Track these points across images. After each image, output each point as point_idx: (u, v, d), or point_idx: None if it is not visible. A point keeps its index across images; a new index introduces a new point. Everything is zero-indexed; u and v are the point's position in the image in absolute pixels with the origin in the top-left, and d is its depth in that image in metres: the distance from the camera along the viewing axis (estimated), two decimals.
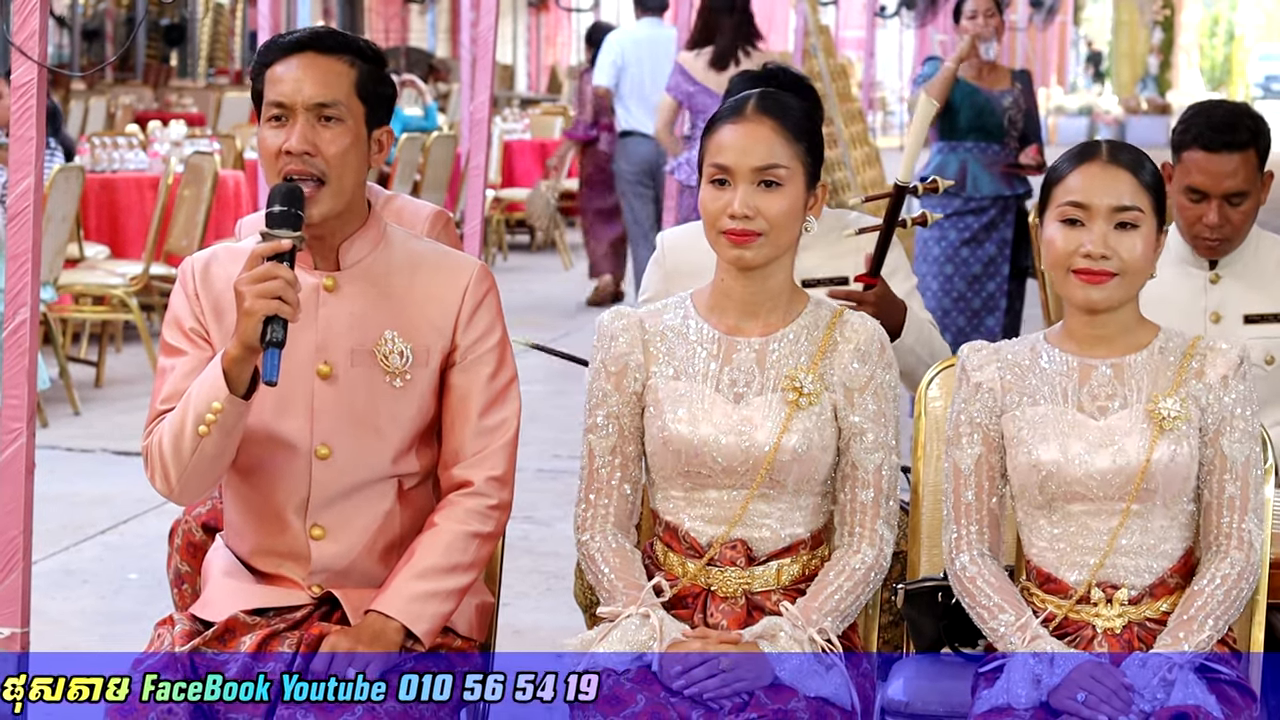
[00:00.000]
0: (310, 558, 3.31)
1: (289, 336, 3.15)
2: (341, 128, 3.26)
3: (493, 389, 3.35)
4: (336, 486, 3.30)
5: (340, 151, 3.26)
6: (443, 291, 3.34)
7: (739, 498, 3.33)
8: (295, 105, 3.25)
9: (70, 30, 20.88)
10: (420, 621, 3.23)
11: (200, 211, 9.74)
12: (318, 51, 3.28)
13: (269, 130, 3.28)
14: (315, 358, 3.29)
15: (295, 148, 3.23)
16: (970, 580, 3.33)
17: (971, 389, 3.37)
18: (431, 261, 3.37)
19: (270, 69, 3.29)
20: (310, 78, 3.25)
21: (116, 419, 8.59)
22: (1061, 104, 30.33)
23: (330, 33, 3.32)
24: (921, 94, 4.00)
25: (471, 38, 13.14)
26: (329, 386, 3.29)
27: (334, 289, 3.31)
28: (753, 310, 3.38)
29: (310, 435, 3.29)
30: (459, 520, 3.31)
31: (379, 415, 3.30)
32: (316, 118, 3.25)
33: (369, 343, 3.30)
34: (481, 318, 3.35)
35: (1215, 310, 4.31)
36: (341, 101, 3.26)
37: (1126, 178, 3.28)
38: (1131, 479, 3.25)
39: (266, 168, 3.29)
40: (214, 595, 3.32)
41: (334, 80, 3.26)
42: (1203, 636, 3.21)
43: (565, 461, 7.43)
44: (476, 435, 3.34)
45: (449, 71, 22.17)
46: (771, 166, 3.30)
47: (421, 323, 3.32)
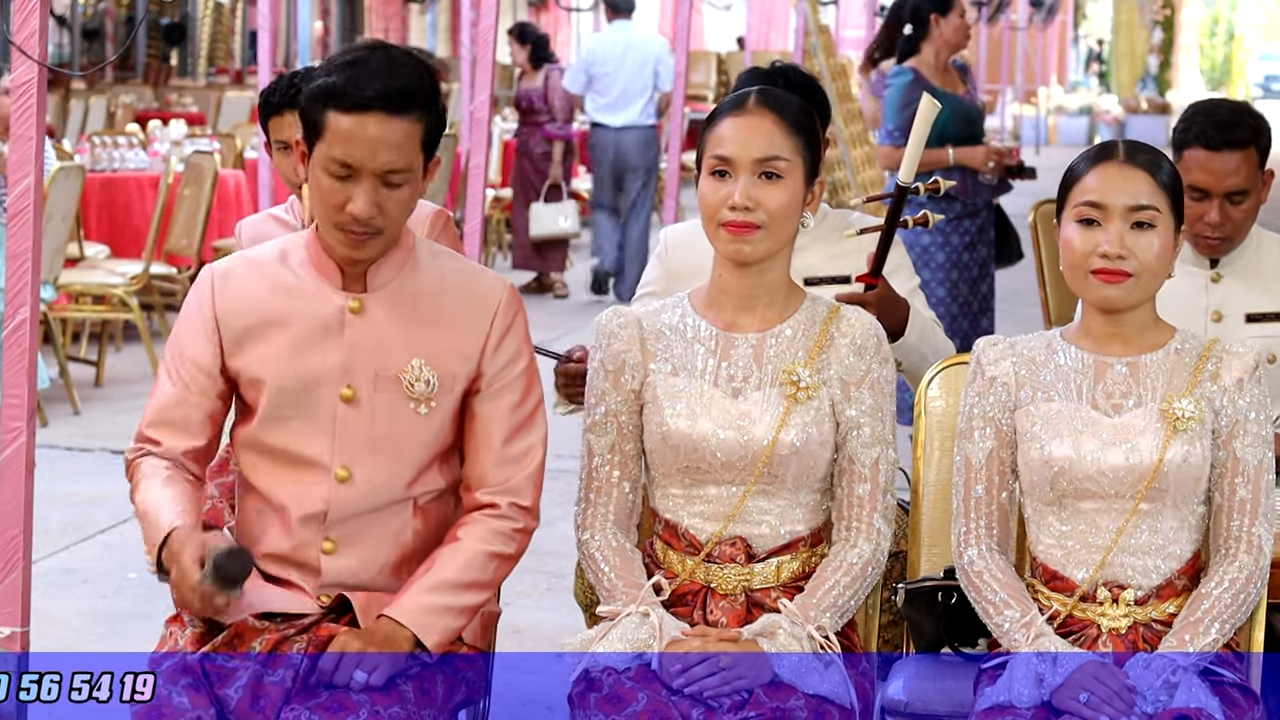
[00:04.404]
0: (320, 570, 3.30)
1: (315, 358, 3.20)
2: (407, 189, 3.19)
3: (518, 416, 3.31)
4: (354, 508, 3.28)
5: (402, 210, 3.21)
6: (471, 318, 3.29)
7: (737, 494, 3.33)
8: (363, 169, 3.15)
9: (70, 30, 20.88)
10: (430, 633, 3.22)
11: (200, 211, 9.74)
12: (388, 113, 3.13)
13: (329, 180, 3.16)
14: (339, 380, 3.26)
15: (363, 214, 3.16)
16: (977, 575, 3.32)
17: (986, 383, 3.37)
18: (459, 284, 3.32)
19: (334, 115, 3.14)
20: (382, 142, 3.13)
21: (116, 419, 8.59)
22: (1062, 104, 30.32)
23: (399, 90, 3.14)
24: (925, 96, 3.99)
25: (471, 38, 13.20)
26: (352, 410, 3.26)
27: (360, 311, 3.27)
28: (750, 305, 3.38)
29: (331, 457, 3.27)
30: (482, 539, 3.29)
31: (400, 439, 3.28)
32: (383, 181, 3.16)
33: (394, 368, 3.26)
34: (509, 344, 3.31)
35: (1216, 309, 4.31)
36: (411, 165, 3.17)
37: (1144, 177, 3.28)
38: (1144, 478, 3.24)
39: (322, 213, 3.20)
40: None
41: (404, 141, 3.15)
42: (1208, 639, 3.21)
43: (565, 461, 7.39)
44: (499, 464, 3.30)
45: (449, 71, 22.15)
46: (772, 158, 3.31)
47: (448, 350, 3.28)
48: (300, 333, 3.27)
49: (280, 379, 3.26)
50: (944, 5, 7.82)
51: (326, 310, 3.27)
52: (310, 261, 3.30)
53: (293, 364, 3.26)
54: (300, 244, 3.33)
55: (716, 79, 23.44)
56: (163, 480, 3.25)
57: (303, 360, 3.26)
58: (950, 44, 7.88)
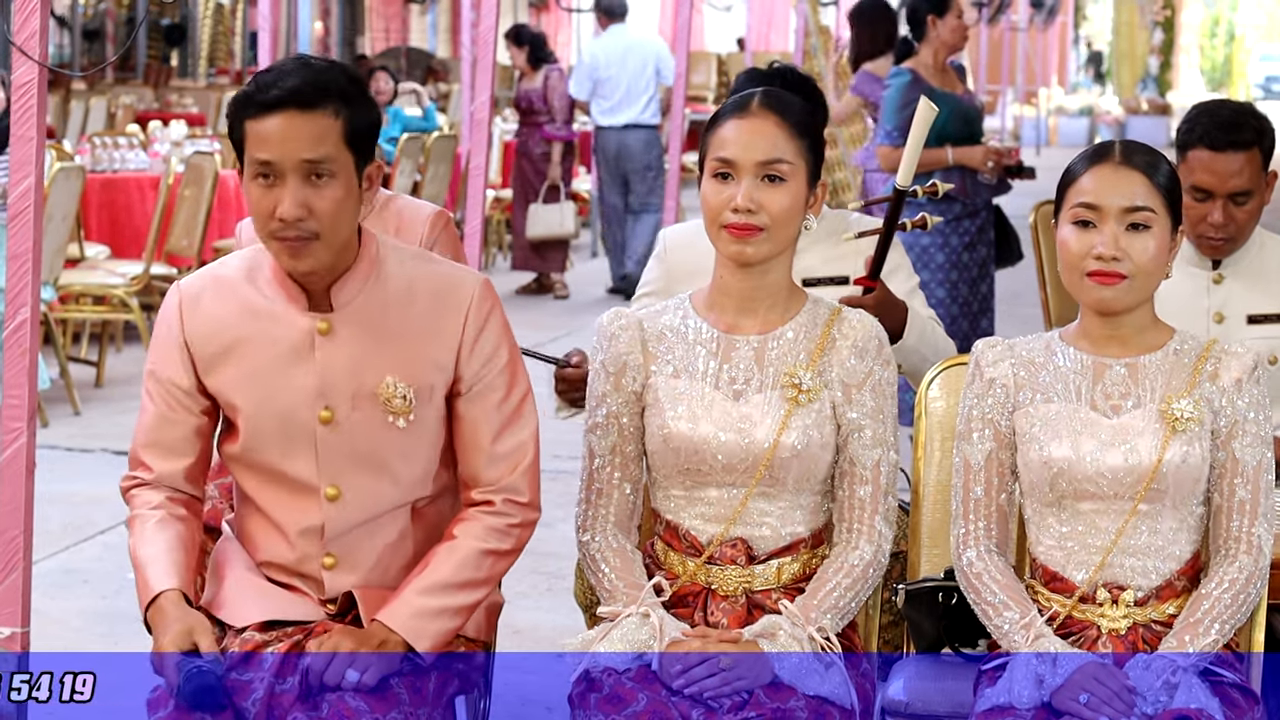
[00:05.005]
0: (324, 584, 3.30)
1: (288, 383, 3.20)
2: (334, 183, 3.15)
3: (504, 413, 3.29)
4: (349, 522, 3.28)
5: (334, 207, 3.15)
6: (442, 323, 3.25)
7: (738, 495, 3.33)
8: (284, 166, 3.13)
9: (70, 30, 20.87)
10: (422, 639, 3.20)
11: (201, 211, 9.74)
12: (299, 108, 3.12)
13: (256, 189, 3.16)
14: (315, 403, 3.24)
15: (289, 215, 3.13)
16: (976, 576, 3.32)
17: (985, 384, 3.36)
18: (428, 288, 3.27)
19: (251, 123, 3.15)
20: (296, 137, 3.12)
21: (116, 419, 8.58)
22: (1062, 104, 30.33)
23: (309, 84, 3.14)
24: (923, 100, 3.98)
25: (472, 38, 13.21)
26: (331, 431, 3.24)
27: (329, 332, 3.24)
28: (751, 307, 3.38)
29: (317, 476, 3.26)
30: (477, 537, 3.28)
31: (387, 454, 3.26)
32: (306, 176, 3.14)
33: (369, 387, 3.23)
34: (486, 341, 3.27)
35: (1218, 310, 4.30)
36: (331, 156, 3.14)
37: (1139, 179, 3.27)
38: (1142, 478, 3.24)
39: (258, 225, 3.18)
40: (230, 596, 3.28)
41: (321, 136, 3.13)
42: (1208, 640, 3.21)
43: (565, 462, 7.41)
44: (491, 463, 3.29)
45: (449, 71, 22.16)
46: (775, 161, 3.31)
47: (422, 361, 3.25)
48: (271, 357, 3.24)
49: (256, 405, 3.24)
50: (941, 6, 7.84)
51: (295, 334, 3.24)
52: (276, 281, 3.27)
53: (267, 390, 3.24)
54: (265, 261, 3.29)
55: (717, 80, 23.45)
56: (154, 527, 3.25)
57: (276, 386, 3.24)
58: (948, 45, 7.89)
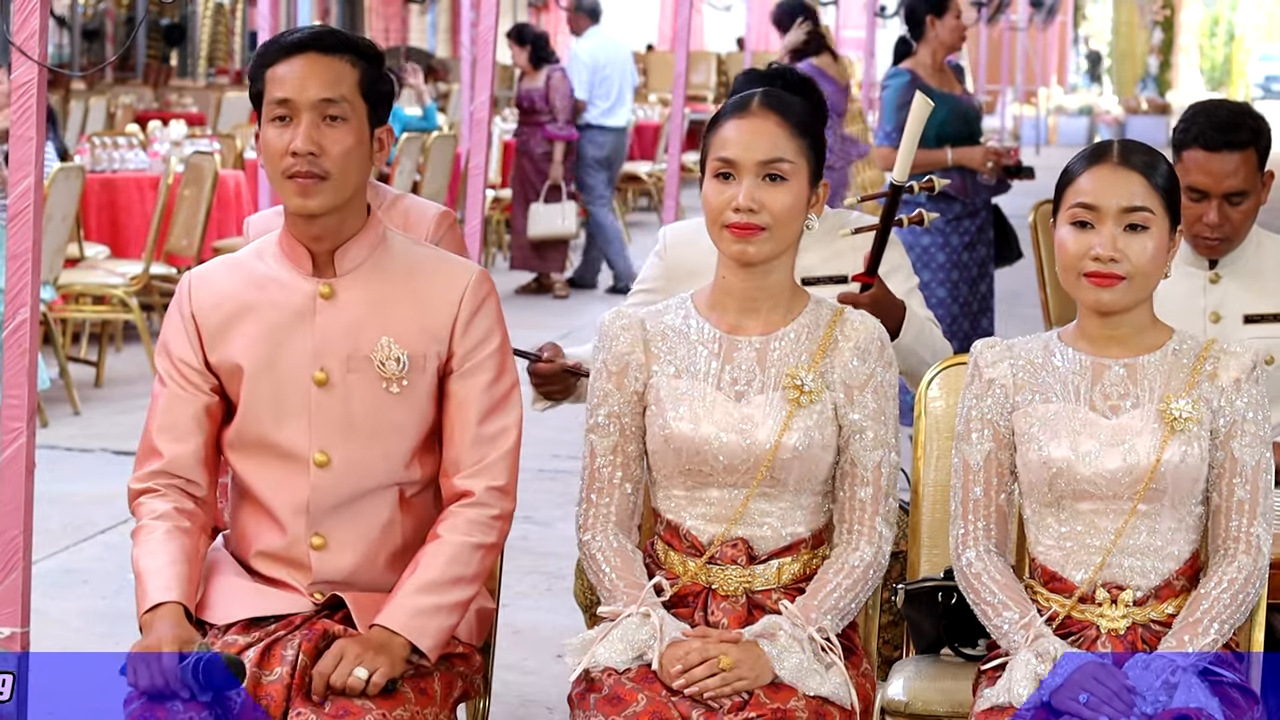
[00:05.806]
0: (311, 568, 3.31)
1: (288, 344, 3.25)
2: (346, 127, 3.27)
3: (492, 396, 3.34)
4: (336, 495, 3.30)
5: (345, 150, 3.27)
6: (439, 297, 3.33)
7: (740, 496, 3.33)
8: (300, 103, 3.25)
9: (70, 30, 20.87)
10: (424, 637, 3.23)
11: (200, 211, 9.74)
12: (319, 51, 3.28)
13: (273, 130, 3.28)
14: (311, 364, 3.30)
15: (301, 148, 3.24)
16: (975, 576, 3.32)
17: (984, 385, 3.37)
18: (429, 267, 3.37)
19: (271, 69, 3.29)
20: (314, 76, 3.26)
21: (116, 419, 8.59)
22: (1061, 104, 30.32)
23: (331, 32, 3.34)
24: (917, 94, 3.99)
25: (472, 38, 13.20)
26: (325, 394, 3.30)
27: (331, 295, 3.32)
28: (753, 307, 3.38)
29: (308, 442, 3.30)
30: (461, 532, 3.30)
31: (378, 422, 3.30)
32: (321, 116, 3.26)
33: (365, 349, 3.30)
34: (479, 324, 3.34)
35: (1215, 310, 4.31)
36: (346, 99, 3.27)
37: (1137, 179, 3.27)
38: (1141, 478, 3.24)
39: (270, 167, 3.30)
40: (215, 598, 3.31)
41: (337, 78, 3.27)
42: (1208, 640, 3.20)
43: (565, 461, 7.43)
44: (475, 444, 3.33)
45: (449, 71, 22.15)
46: (776, 160, 3.31)
47: (417, 328, 3.31)
48: (273, 320, 3.32)
49: (255, 365, 3.30)
50: (939, 6, 7.85)
51: (298, 297, 3.32)
52: (282, 253, 3.36)
53: (267, 351, 3.30)
54: (273, 239, 3.40)
55: (716, 79, 23.45)
56: (160, 538, 3.26)
57: (277, 347, 3.31)
58: (946, 45, 7.90)
